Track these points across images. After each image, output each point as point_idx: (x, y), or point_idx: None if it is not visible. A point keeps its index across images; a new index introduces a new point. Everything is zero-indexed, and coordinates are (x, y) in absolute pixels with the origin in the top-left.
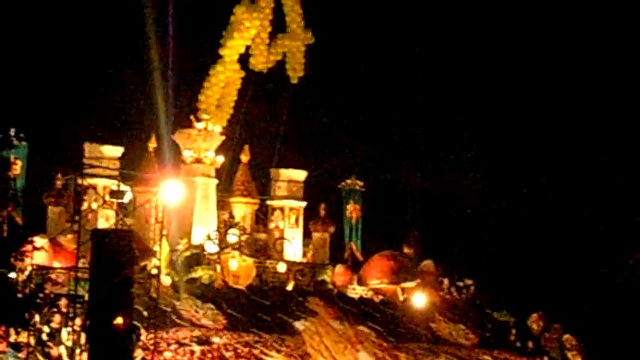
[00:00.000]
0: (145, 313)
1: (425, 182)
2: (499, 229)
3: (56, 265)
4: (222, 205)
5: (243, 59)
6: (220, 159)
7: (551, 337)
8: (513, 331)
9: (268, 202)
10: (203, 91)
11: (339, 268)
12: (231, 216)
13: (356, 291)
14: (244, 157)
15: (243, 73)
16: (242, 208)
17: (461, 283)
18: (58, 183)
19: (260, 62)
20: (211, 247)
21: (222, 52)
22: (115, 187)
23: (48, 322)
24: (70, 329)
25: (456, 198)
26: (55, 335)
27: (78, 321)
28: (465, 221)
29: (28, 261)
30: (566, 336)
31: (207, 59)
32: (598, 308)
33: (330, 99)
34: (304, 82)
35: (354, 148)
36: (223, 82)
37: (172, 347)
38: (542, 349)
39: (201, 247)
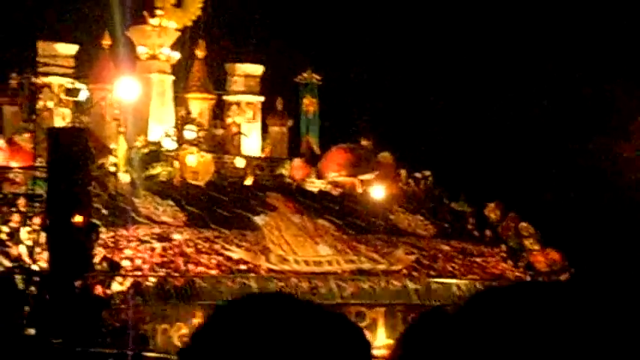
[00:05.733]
0: (104, 211)
1: (382, 74)
2: (456, 117)
3: (13, 164)
4: (179, 101)
5: None
6: (176, 55)
7: (509, 225)
8: (471, 221)
9: (225, 98)
10: None
11: (297, 161)
12: (188, 112)
13: (314, 184)
14: (200, 53)
15: None
16: (199, 104)
17: (419, 175)
18: (13, 82)
19: None
20: (169, 144)
21: None
22: (70, 86)
23: (7, 222)
24: (29, 228)
25: (413, 88)
26: (14, 235)
27: (37, 220)
28: (421, 111)
29: None
30: (523, 224)
31: None
32: (555, 195)
33: None
34: None
35: (310, 41)
36: None
37: (133, 244)
38: (499, 238)
39: (158, 143)
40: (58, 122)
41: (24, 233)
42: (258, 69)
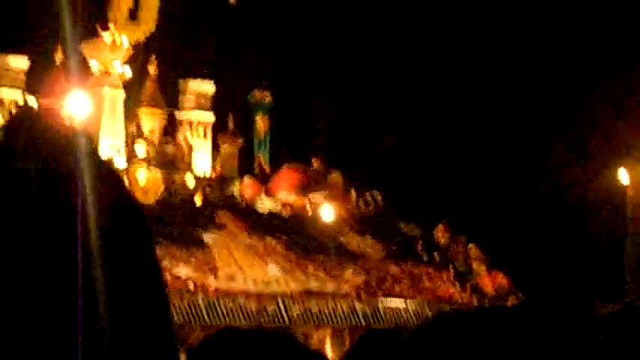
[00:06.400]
0: None
1: (334, 95)
2: (406, 139)
3: None
4: (131, 117)
5: None
6: (128, 70)
7: (457, 248)
8: (420, 243)
9: (176, 114)
10: (112, 1)
11: (247, 180)
12: (139, 128)
13: (264, 204)
14: (152, 68)
15: None
16: (150, 120)
17: (368, 195)
18: None
19: None
20: (120, 162)
21: None
22: (21, 99)
23: None
24: None
25: (365, 108)
26: None
27: None
28: (372, 131)
29: None
30: (472, 247)
31: None
32: (502, 218)
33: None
34: None
35: (264, 59)
36: None
37: None
38: (448, 260)
39: (109, 160)
40: None
41: None
42: (210, 86)
